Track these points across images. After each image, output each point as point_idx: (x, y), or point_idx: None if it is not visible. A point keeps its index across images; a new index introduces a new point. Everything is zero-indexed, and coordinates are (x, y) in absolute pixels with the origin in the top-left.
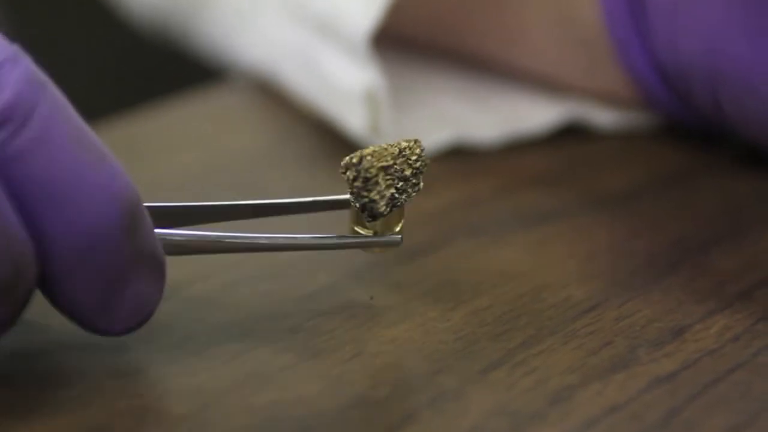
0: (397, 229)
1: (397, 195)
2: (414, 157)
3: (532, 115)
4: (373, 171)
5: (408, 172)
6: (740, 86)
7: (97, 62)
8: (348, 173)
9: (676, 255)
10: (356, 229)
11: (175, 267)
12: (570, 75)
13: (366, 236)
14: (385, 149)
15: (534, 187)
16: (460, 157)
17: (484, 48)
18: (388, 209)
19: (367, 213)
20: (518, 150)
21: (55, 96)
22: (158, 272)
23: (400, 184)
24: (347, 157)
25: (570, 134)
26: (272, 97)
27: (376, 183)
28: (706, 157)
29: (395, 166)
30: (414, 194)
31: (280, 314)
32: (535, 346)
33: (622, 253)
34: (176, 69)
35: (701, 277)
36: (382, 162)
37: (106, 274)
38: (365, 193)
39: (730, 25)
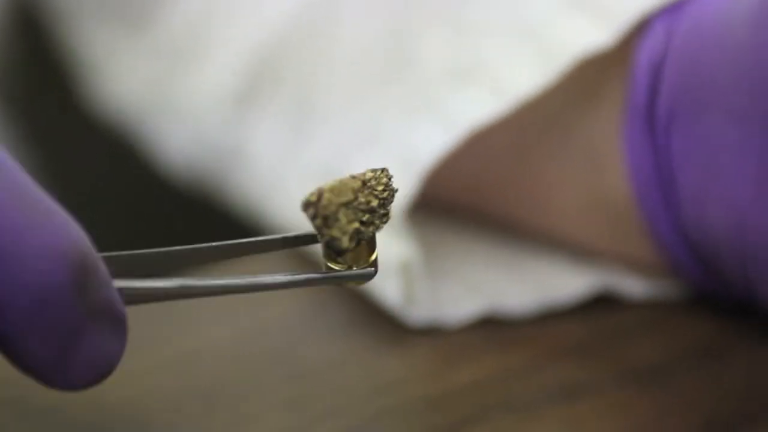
0: (371, 260)
1: (362, 228)
2: (380, 188)
3: (564, 284)
4: (332, 208)
5: (374, 203)
6: None
7: (131, 216)
8: (308, 212)
9: None
10: (329, 265)
11: None
12: (599, 242)
13: (337, 271)
14: (347, 183)
15: (566, 359)
16: (493, 325)
17: (514, 214)
18: (353, 244)
19: (332, 250)
20: (550, 319)
21: None
22: (117, 326)
23: (366, 216)
24: (308, 194)
25: (601, 302)
26: (306, 263)
27: (336, 220)
28: (737, 328)
29: (358, 199)
30: (382, 225)
31: None
32: None
33: (657, 431)
34: (210, 227)
35: None
36: (342, 198)
37: (58, 332)
38: (326, 231)
39: (760, 201)
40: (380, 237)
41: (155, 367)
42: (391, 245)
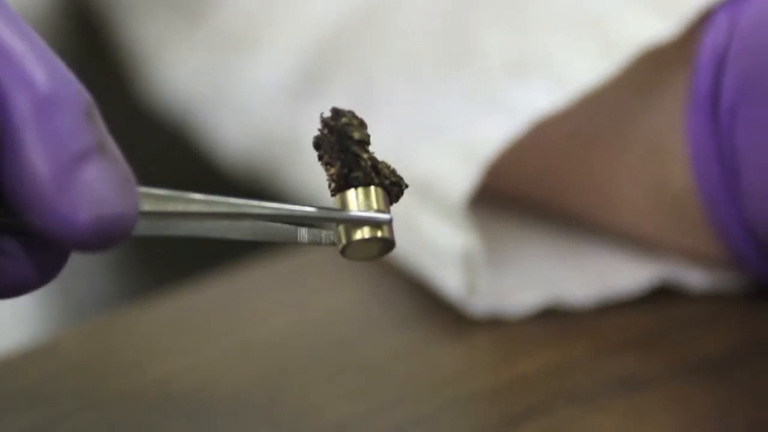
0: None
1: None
2: (387, 169)
3: (626, 275)
4: (346, 110)
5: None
6: None
7: None
8: (320, 123)
9: None
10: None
11: None
12: (661, 234)
13: (356, 214)
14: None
15: (629, 351)
16: (553, 316)
17: (575, 205)
18: (366, 153)
19: (341, 142)
20: (611, 310)
21: None
22: (123, 179)
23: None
24: None
25: (662, 294)
26: None
27: (347, 114)
28: None
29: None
30: (392, 191)
31: None
32: None
33: (720, 424)
34: None
35: None
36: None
37: (63, 138)
38: (337, 120)
39: None
40: (442, 228)
41: (220, 357)
42: (453, 236)
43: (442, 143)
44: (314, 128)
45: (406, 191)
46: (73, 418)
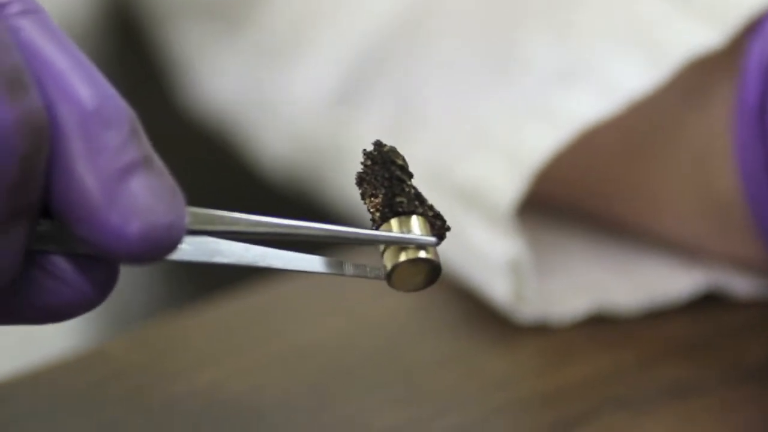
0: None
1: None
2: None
3: (672, 282)
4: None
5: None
6: None
7: None
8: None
9: None
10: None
11: None
12: (707, 241)
13: (402, 234)
14: None
15: (677, 358)
16: (600, 323)
17: (621, 212)
18: (409, 177)
19: (386, 168)
20: (657, 317)
21: None
22: (170, 191)
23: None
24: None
25: (708, 301)
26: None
27: (393, 149)
28: None
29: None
30: (435, 224)
31: None
32: None
33: None
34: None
35: None
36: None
37: (112, 150)
38: (382, 147)
39: None
40: (488, 236)
41: (267, 363)
42: (500, 243)
43: (489, 151)
44: (358, 134)
45: (450, 195)
46: (122, 424)
